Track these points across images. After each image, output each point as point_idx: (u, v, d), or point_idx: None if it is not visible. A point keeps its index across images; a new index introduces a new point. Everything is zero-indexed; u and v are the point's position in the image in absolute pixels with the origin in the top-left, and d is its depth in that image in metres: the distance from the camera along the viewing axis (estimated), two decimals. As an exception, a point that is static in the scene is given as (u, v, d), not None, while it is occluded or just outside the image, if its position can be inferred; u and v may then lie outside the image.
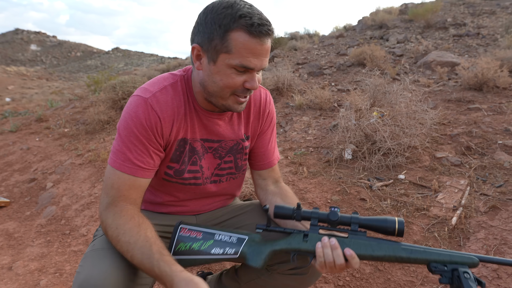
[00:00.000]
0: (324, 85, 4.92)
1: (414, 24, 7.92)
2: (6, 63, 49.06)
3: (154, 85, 1.05)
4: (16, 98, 17.50)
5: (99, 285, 0.86)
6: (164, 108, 1.03)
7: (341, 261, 0.89)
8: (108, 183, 1.01)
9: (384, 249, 0.91)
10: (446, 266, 0.88)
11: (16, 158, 4.63)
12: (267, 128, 1.24)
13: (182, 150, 1.10)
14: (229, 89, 0.98)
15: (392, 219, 0.91)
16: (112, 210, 0.98)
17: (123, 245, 0.92)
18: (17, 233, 2.75)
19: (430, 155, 2.72)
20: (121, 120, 1.03)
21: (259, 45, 0.93)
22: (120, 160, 1.00)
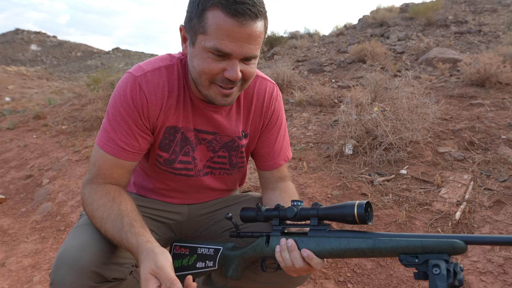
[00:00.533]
0: (324, 82, 4.88)
1: (415, 22, 7.87)
2: (7, 63, 49.10)
3: (149, 64, 1.00)
4: (16, 98, 17.48)
5: (77, 255, 0.85)
6: (153, 90, 0.97)
7: (300, 263, 0.82)
8: (92, 160, 1.00)
9: (343, 243, 0.78)
10: (417, 257, 0.68)
11: (13, 155, 4.58)
12: (273, 127, 1.14)
13: (172, 139, 1.04)
14: (206, 76, 0.88)
15: (351, 203, 0.78)
16: (89, 186, 0.97)
17: (97, 221, 0.90)
18: (12, 229, 2.70)
19: (433, 150, 2.67)
20: (111, 98, 0.99)
21: (236, 27, 0.81)
22: (104, 140, 0.97)
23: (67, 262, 0.84)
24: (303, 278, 1.11)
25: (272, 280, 1.12)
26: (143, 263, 0.79)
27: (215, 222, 1.22)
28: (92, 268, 0.84)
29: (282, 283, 1.13)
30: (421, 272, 0.68)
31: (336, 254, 0.80)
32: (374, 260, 1.78)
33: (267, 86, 1.11)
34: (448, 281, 0.62)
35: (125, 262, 0.94)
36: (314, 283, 1.72)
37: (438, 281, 0.62)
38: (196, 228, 1.23)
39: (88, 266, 0.84)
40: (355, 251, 0.77)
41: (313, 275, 1.76)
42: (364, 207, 0.77)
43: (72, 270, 0.83)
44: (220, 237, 1.20)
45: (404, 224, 1.92)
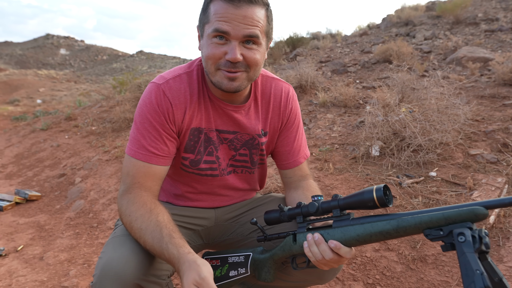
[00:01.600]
0: (349, 83, 4.82)
1: (442, 20, 7.65)
2: (38, 67, 51.30)
3: (170, 73, 1.07)
4: (47, 100, 18.26)
5: (120, 267, 0.87)
6: (176, 95, 1.03)
7: (329, 255, 0.84)
8: (124, 171, 1.03)
9: (368, 228, 0.79)
10: (442, 229, 0.69)
11: (47, 155, 4.80)
12: (291, 126, 1.19)
13: (197, 140, 1.09)
14: (211, 61, 0.96)
15: (369, 189, 0.79)
16: (126, 197, 0.99)
17: (136, 232, 0.92)
18: (48, 225, 2.84)
19: (464, 152, 2.60)
20: (137, 108, 1.04)
21: (231, 9, 0.90)
22: (135, 148, 1.01)
23: (111, 275, 0.87)
24: (333, 272, 1.12)
25: (302, 278, 1.14)
26: (186, 273, 0.82)
27: (241, 225, 1.25)
28: (135, 281, 0.88)
29: (313, 280, 1.15)
30: (448, 244, 0.68)
31: (362, 240, 0.81)
32: (404, 263, 1.75)
33: (283, 87, 1.18)
34: (474, 246, 0.63)
35: (162, 274, 0.97)
36: (342, 285, 1.72)
37: (464, 248, 0.63)
38: (223, 232, 1.27)
39: (131, 279, 0.87)
40: (381, 234, 0.78)
41: (341, 276, 1.76)
42: (383, 190, 0.77)
43: (116, 283, 0.86)
44: (247, 239, 1.23)
45: (435, 227, 1.89)
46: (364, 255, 1.84)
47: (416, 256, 1.77)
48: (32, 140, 5.75)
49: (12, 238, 2.61)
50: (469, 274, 0.60)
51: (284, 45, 9.08)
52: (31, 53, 65.45)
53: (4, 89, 24.63)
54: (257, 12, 0.93)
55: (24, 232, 2.71)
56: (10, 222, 2.93)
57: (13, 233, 2.70)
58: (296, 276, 1.14)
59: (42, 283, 1.98)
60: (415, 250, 1.80)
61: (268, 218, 0.98)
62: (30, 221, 2.94)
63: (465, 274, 0.61)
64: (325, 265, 0.87)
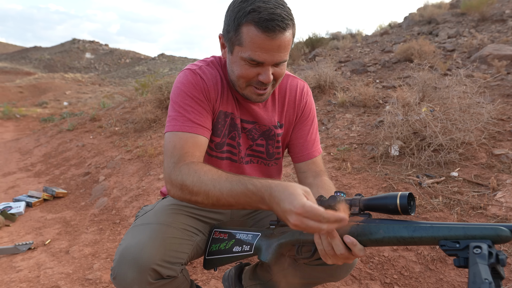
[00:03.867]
0: (368, 82, 4.76)
1: (467, 18, 7.42)
2: (64, 71, 53.23)
3: (199, 62, 1.14)
4: (73, 102, 18.96)
5: (137, 252, 0.91)
6: (210, 78, 1.09)
7: (341, 250, 0.81)
8: (169, 146, 1.01)
9: (383, 231, 0.77)
10: (459, 242, 0.66)
11: (73, 154, 5.00)
12: (306, 119, 1.23)
13: (223, 124, 1.13)
14: (243, 80, 1.01)
15: (393, 194, 0.77)
16: (181, 165, 0.97)
17: (208, 183, 0.89)
18: (73, 221, 2.96)
19: (487, 151, 2.52)
20: (173, 91, 1.08)
21: (267, 40, 0.92)
22: (179, 123, 1.03)
23: (129, 259, 0.90)
24: (346, 270, 1.12)
25: (314, 275, 1.15)
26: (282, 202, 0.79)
27: (257, 221, 1.28)
28: (151, 266, 0.91)
29: (325, 277, 1.15)
30: (462, 258, 0.64)
31: (375, 241, 0.79)
32: (423, 263, 1.73)
33: (298, 83, 1.23)
34: (489, 260, 0.58)
35: (177, 261, 0.99)
36: (359, 284, 1.71)
37: (478, 258, 0.58)
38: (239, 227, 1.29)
39: (148, 264, 0.90)
40: (395, 238, 0.76)
41: (358, 275, 1.75)
42: (407, 198, 0.76)
43: (133, 267, 0.90)
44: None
45: (456, 227, 1.84)
46: (382, 254, 1.83)
47: (436, 256, 1.73)
48: (59, 140, 6.00)
49: (40, 233, 2.73)
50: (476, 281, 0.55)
51: (303, 45, 9.06)
52: (59, 57, 67.97)
53: (33, 92, 25.73)
54: (287, 37, 0.96)
55: (51, 227, 2.84)
56: (39, 217, 3.07)
57: (41, 228, 2.83)
58: (309, 272, 1.14)
59: (67, 275, 2.07)
60: (435, 251, 1.77)
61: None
62: (57, 217, 3.07)
63: (472, 281, 0.56)
64: (331, 259, 0.84)
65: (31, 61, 65.58)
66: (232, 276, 1.54)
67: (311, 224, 0.74)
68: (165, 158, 1.02)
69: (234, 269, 1.56)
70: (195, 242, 1.11)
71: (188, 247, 1.06)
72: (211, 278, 1.90)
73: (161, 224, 1.02)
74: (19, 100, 22.46)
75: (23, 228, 2.82)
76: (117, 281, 0.93)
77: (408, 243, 0.75)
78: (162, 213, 1.09)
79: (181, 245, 1.03)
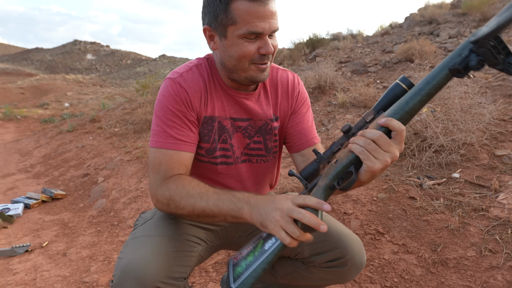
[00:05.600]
0: (369, 83, 4.74)
1: (469, 18, 7.39)
2: (66, 72, 53.37)
3: (181, 68, 1.11)
4: (74, 103, 18.97)
5: (140, 269, 0.87)
6: (191, 85, 1.06)
7: (377, 133, 0.76)
8: (155, 162, 1.02)
9: (408, 98, 0.77)
10: (462, 52, 0.69)
11: (72, 155, 4.98)
12: (300, 107, 1.21)
13: (210, 129, 1.10)
14: (246, 59, 0.99)
15: (395, 83, 0.82)
16: (169, 180, 0.98)
17: (196, 196, 0.92)
18: (71, 222, 2.94)
19: (489, 152, 2.49)
20: (156, 103, 1.06)
21: (261, 7, 0.93)
22: (162, 139, 1.02)
23: (131, 277, 0.87)
24: (355, 271, 1.10)
25: (323, 277, 1.13)
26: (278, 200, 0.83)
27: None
28: (155, 284, 0.88)
29: (334, 279, 1.13)
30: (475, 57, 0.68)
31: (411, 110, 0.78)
32: (424, 266, 1.70)
33: (288, 74, 1.22)
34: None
35: (180, 276, 0.97)
36: (359, 287, 1.69)
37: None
38: (241, 232, 1.27)
39: (152, 282, 0.87)
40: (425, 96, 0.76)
41: (358, 278, 1.72)
42: (405, 78, 0.80)
43: (136, 285, 0.86)
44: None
45: (457, 230, 1.82)
46: (382, 257, 1.80)
47: (437, 259, 1.71)
48: (59, 141, 5.99)
49: (38, 235, 2.71)
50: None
51: (304, 46, 9.04)
52: (60, 58, 68.15)
53: (34, 93, 25.77)
54: (274, 3, 0.97)
55: (49, 229, 2.82)
56: (37, 219, 3.05)
57: (39, 230, 2.81)
58: (318, 275, 1.13)
59: (64, 278, 2.05)
60: (436, 253, 1.74)
61: (307, 172, 0.90)
62: (55, 218, 3.05)
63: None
64: (377, 153, 0.76)
65: (33, 62, 65.74)
66: (230, 279, 1.51)
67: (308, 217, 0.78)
68: (151, 173, 1.02)
69: None
70: (197, 252, 1.09)
71: (191, 259, 1.04)
72: (209, 281, 1.88)
73: (163, 236, 1.00)
74: (20, 101, 22.51)
75: (20, 230, 2.81)
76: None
77: (433, 93, 0.76)
78: (163, 223, 1.07)
79: (184, 258, 1.01)
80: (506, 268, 1.57)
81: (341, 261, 1.07)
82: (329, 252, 1.09)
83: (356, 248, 1.09)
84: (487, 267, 1.60)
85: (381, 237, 1.91)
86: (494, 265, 1.60)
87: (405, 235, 1.88)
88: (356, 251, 1.08)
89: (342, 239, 1.08)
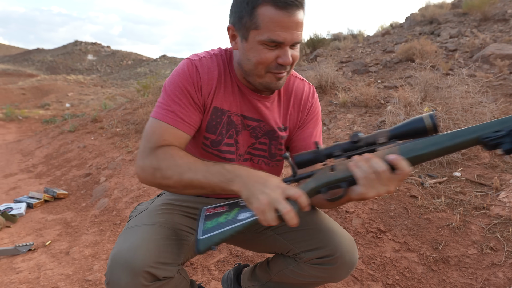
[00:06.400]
0: (370, 82, 4.75)
1: (469, 18, 7.39)
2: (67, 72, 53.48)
3: (203, 53, 1.11)
4: (75, 104, 19.00)
5: (129, 256, 0.89)
6: (206, 72, 1.06)
7: (382, 166, 0.77)
8: (149, 132, 1.01)
9: (426, 145, 0.75)
10: (500, 130, 0.68)
11: (74, 155, 5.00)
12: (308, 122, 1.19)
13: (219, 121, 1.10)
14: (263, 66, 0.98)
15: (418, 117, 0.76)
16: (159, 149, 0.97)
17: (183, 166, 0.92)
18: (74, 222, 2.95)
19: (490, 151, 2.50)
20: (168, 78, 1.06)
21: (286, 17, 0.91)
22: (164, 111, 1.02)
23: (121, 264, 0.88)
24: (347, 270, 1.10)
25: (314, 275, 1.13)
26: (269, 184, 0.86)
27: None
28: (145, 268, 0.89)
29: (325, 277, 1.13)
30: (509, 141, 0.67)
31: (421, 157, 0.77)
32: (426, 264, 1.71)
33: (305, 85, 1.21)
34: None
35: (172, 262, 0.97)
36: (361, 285, 1.70)
37: None
38: None
39: (141, 267, 0.88)
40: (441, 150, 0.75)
41: (360, 276, 1.73)
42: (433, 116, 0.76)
43: (126, 271, 0.88)
44: (263, 235, 1.22)
45: (458, 228, 1.83)
46: (384, 255, 1.81)
47: (438, 257, 1.72)
48: (61, 142, 6.00)
49: (41, 234, 2.73)
50: None
51: (305, 46, 9.05)
52: (61, 59, 68.28)
53: (36, 94, 25.82)
54: (302, 14, 0.96)
55: (52, 228, 2.83)
56: (39, 218, 3.06)
57: (42, 229, 2.82)
58: (309, 272, 1.13)
59: (67, 276, 2.06)
60: (437, 251, 1.75)
61: (300, 159, 0.89)
62: (58, 218, 3.07)
63: None
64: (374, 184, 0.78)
65: (34, 63, 65.88)
66: (231, 277, 1.52)
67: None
68: (142, 141, 1.01)
69: (232, 270, 1.55)
70: (191, 242, 1.09)
71: (183, 247, 1.04)
72: (212, 280, 1.89)
73: (154, 225, 1.00)
74: (21, 102, 22.56)
75: (23, 229, 2.82)
76: (111, 286, 0.90)
77: (452, 150, 0.75)
78: (156, 213, 1.08)
79: (176, 246, 1.01)
80: (507, 265, 1.58)
81: (330, 259, 1.07)
82: (319, 249, 1.09)
83: (347, 246, 1.08)
84: (488, 265, 1.61)
85: (383, 236, 1.92)
86: (495, 262, 1.61)
87: (407, 233, 1.89)
88: (347, 250, 1.08)
89: (332, 237, 1.08)
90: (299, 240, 1.14)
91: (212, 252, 2.12)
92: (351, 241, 1.11)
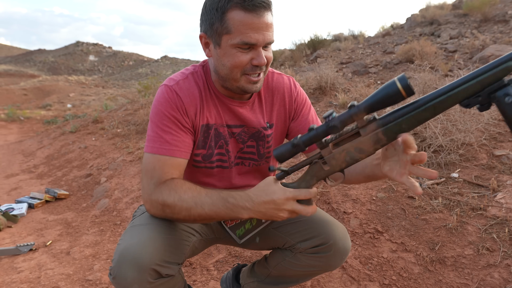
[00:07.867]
0: (370, 83, 4.76)
1: (469, 19, 7.40)
2: (68, 73, 53.61)
3: (177, 75, 1.12)
4: (76, 104, 19.06)
5: (138, 252, 0.92)
6: (187, 94, 1.07)
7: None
8: (149, 168, 1.03)
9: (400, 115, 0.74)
10: (480, 95, 0.67)
11: (75, 156, 5.03)
12: (302, 109, 1.22)
13: (207, 136, 1.12)
14: (238, 69, 1.00)
15: (390, 82, 0.73)
16: (162, 185, 1.00)
17: (189, 201, 0.95)
18: (75, 222, 2.98)
19: (488, 152, 2.51)
20: (152, 109, 1.08)
21: (256, 19, 0.93)
22: (157, 145, 1.03)
23: (129, 259, 0.91)
24: (341, 258, 1.16)
25: (311, 264, 1.18)
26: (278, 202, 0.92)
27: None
28: (152, 266, 0.92)
29: (320, 266, 1.18)
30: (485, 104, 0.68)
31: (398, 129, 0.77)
32: (422, 264, 1.72)
33: (284, 78, 1.23)
34: None
35: (175, 261, 1.00)
36: (358, 285, 1.71)
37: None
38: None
39: (149, 264, 0.91)
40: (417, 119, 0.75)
41: (357, 276, 1.74)
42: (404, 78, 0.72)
43: (134, 267, 0.90)
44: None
45: (455, 229, 1.84)
46: (381, 255, 1.82)
47: (435, 257, 1.73)
48: (62, 142, 6.03)
49: (42, 234, 2.75)
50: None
51: (305, 47, 9.07)
52: (63, 59, 68.41)
53: (37, 95, 25.92)
54: (271, 16, 0.98)
55: (52, 229, 2.85)
56: (40, 219, 3.09)
57: (43, 229, 2.84)
58: (305, 261, 1.18)
59: (68, 276, 2.08)
60: (434, 252, 1.76)
61: (279, 153, 0.88)
62: (59, 218, 3.09)
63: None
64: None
65: (35, 63, 66.07)
66: (230, 277, 1.55)
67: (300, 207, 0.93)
68: (144, 178, 1.03)
69: (232, 270, 1.57)
70: (191, 242, 1.13)
71: (185, 247, 1.08)
72: (210, 280, 1.91)
73: (160, 224, 1.03)
74: (23, 103, 22.64)
75: (24, 230, 2.84)
76: (117, 280, 0.93)
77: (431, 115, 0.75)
78: None
79: (179, 246, 1.04)
80: (502, 266, 1.59)
81: (325, 247, 1.13)
82: (313, 238, 1.15)
83: (339, 234, 1.15)
84: (484, 265, 1.62)
85: (380, 236, 1.93)
86: (491, 263, 1.62)
87: (404, 234, 1.90)
88: (340, 237, 1.14)
89: (325, 226, 1.15)
90: (294, 231, 1.20)
91: (211, 252, 2.16)
92: (343, 229, 1.18)
